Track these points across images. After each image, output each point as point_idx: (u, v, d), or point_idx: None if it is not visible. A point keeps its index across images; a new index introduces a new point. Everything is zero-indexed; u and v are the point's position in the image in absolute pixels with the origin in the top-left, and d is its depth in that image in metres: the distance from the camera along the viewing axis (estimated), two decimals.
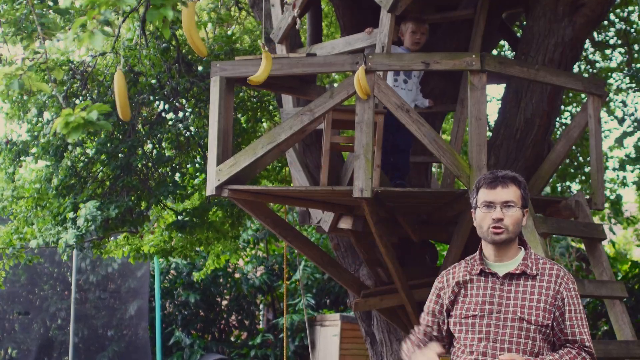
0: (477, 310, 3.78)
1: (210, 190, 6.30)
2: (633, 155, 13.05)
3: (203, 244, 10.46)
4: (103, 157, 8.52)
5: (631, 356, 5.68)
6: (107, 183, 8.80)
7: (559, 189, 12.90)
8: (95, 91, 8.57)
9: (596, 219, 13.18)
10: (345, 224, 6.82)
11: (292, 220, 12.79)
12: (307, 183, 7.00)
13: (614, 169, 13.71)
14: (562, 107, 10.98)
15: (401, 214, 6.80)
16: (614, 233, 13.33)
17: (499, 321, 3.72)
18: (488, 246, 3.95)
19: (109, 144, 8.42)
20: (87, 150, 8.72)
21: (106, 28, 4.05)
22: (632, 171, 13.77)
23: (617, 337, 5.97)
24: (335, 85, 9.26)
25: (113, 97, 8.07)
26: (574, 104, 12.44)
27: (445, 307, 3.92)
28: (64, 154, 8.45)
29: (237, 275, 17.11)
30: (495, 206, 3.85)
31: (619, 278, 8.62)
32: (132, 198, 8.76)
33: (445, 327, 3.94)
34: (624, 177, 14.01)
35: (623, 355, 5.78)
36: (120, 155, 8.47)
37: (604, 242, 6.97)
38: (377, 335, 7.89)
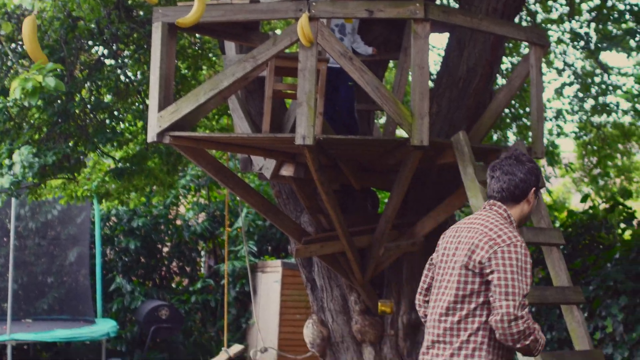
0: None
1: (151, 137, 6.26)
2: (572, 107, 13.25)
3: (139, 191, 10.41)
4: (40, 103, 8.39)
5: (567, 301, 5.81)
6: (44, 129, 8.67)
7: (495, 137, 13.04)
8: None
9: None
10: (287, 171, 6.82)
11: (234, 168, 12.76)
12: (249, 130, 6.98)
13: (551, 119, 13.90)
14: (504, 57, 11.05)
15: (343, 162, 6.83)
16: (549, 181, 13.53)
17: None
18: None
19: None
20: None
21: None
22: (572, 121, 13.98)
23: (553, 283, 6.09)
24: (278, 32, 9.21)
25: (50, 42, 7.94)
26: (515, 54, 12.55)
27: None
28: None
29: (178, 222, 17.06)
30: None
31: (557, 226, 8.77)
32: (70, 144, 8.65)
33: None
34: (561, 128, 14.23)
35: (559, 301, 5.91)
36: (57, 101, 8.34)
37: (542, 191, 7.07)
38: (317, 282, 7.96)
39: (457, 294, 4.10)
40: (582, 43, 12.21)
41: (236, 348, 11.12)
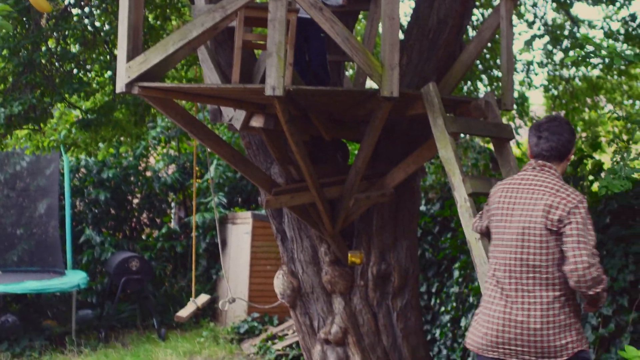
0: None
1: (120, 87, 6.20)
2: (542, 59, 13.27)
3: (107, 142, 10.35)
4: (5, 52, 8.28)
5: None
6: (10, 79, 8.58)
7: (465, 89, 13.06)
8: None
9: (504, 120, 13.41)
10: (257, 122, 6.80)
11: (203, 119, 12.71)
12: (218, 81, 6.93)
13: (521, 71, 13.94)
14: (475, 8, 11.02)
15: (313, 113, 6.82)
16: (518, 134, 13.59)
17: None
18: None
19: (11, 40, 8.17)
20: None
21: None
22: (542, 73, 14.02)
23: None
24: None
25: None
26: (485, 6, 12.52)
27: None
28: None
29: (148, 174, 17.02)
30: None
31: None
32: (36, 95, 8.57)
33: None
34: (531, 80, 14.26)
35: None
36: (23, 51, 8.24)
37: (511, 143, 7.11)
38: (287, 233, 7.98)
39: (536, 252, 4.54)
40: None
41: (203, 298, 11.17)
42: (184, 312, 10.98)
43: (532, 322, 4.52)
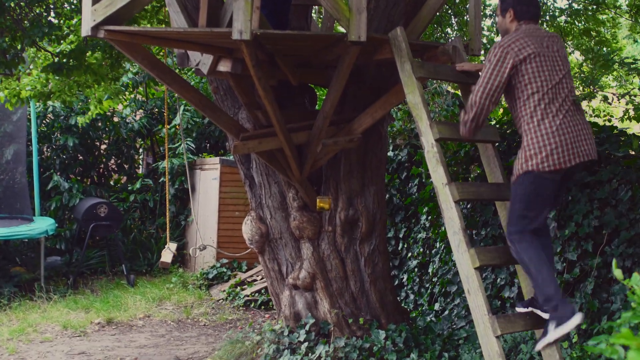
0: None
1: (85, 30, 6.14)
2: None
3: (82, 87, 10.23)
4: None
5: (501, 198, 5.91)
6: None
7: (436, 36, 13.03)
8: None
9: None
10: (224, 66, 6.76)
11: (172, 65, 12.60)
12: (185, 25, 6.86)
13: (490, 16, 13.90)
14: None
15: (280, 57, 6.78)
16: None
17: None
18: None
19: None
20: None
21: None
22: None
23: (488, 179, 6.18)
24: None
25: None
26: None
27: None
28: None
29: (115, 119, 16.89)
30: None
31: (492, 123, 8.86)
32: (7, 40, 8.45)
33: None
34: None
35: (494, 197, 6.00)
36: None
37: None
38: (255, 178, 7.98)
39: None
40: None
41: (172, 246, 11.19)
42: (167, 258, 10.99)
43: None
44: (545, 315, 5.29)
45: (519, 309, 5.62)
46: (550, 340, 5.15)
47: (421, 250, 9.81)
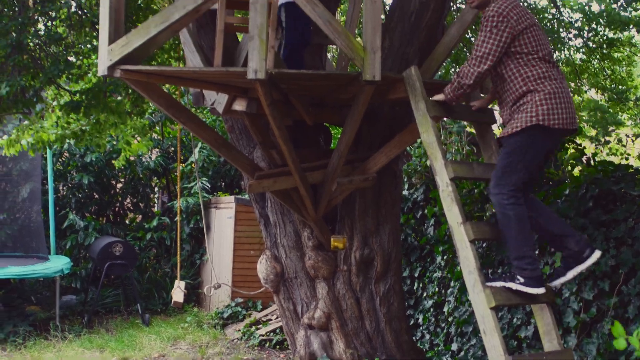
0: None
1: (102, 70, 6.18)
2: None
3: (103, 126, 10.28)
4: None
5: None
6: None
7: (451, 72, 13.05)
8: None
9: None
10: (239, 105, 6.78)
11: (187, 103, 12.66)
12: (201, 64, 6.91)
13: None
14: None
15: (295, 97, 6.80)
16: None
17: None
18: None
19: None
20: None
21: None
22: None
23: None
24: None
25: None
26: None
27: None
28: None
29: (131, 158, 16.95)
30: None
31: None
32: (25, 78, 8.51)
33: None
34: None
35: None
36: (12, 33, 8.17)
37: (494, 127, 7.11)
38: (270, 217, 7.97)
39: None
40: None
41: (182, 284, 11.17)
42: (179, 298, 10.96)
43: None
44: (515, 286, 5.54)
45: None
46: (516, 287, 5.50)
47: (437, 289, 9.75)
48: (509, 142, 5.61)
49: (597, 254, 5.63)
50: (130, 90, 9.67)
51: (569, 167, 8.28)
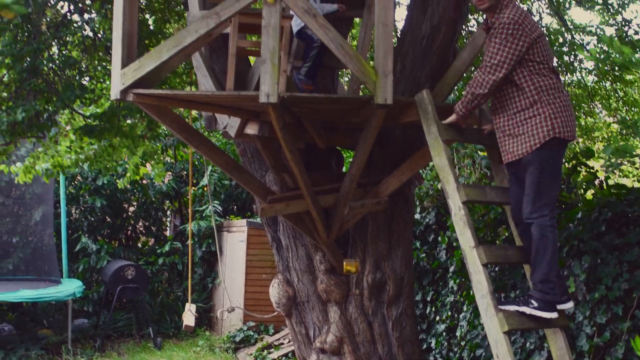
0: None
1: (114, 94, 6.19)
2: None
3: (115, 150, 10.32)
4: (8, 60, 8.26)
5: (528, 262, 5.84)
6: (13, 86, 8.56)
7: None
8: None
9: None
10: (251, 129, 6.79)
11: (199, 127, 12.69)
12: (213, 88, 6.92)
13: None
14: (468, 14, 11.03)
15: (307, 120, 6.81)
16: None
17: None
18: None
19: (13, 46, 8.16)
20: None
21: None
22: None
23: (516, 242, 6.13)
24: None
25: None
26: (480, 12, 12.49)
27: None
28: None
29: (144, 181, 16.99)
30: None
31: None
32: (39, 102, 8.55)
33: None
34: None
35: (521, 261, 5.95)
36: (27, 57, 8.22)
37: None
38: (283, 241, 7.96)
39: None
40: None
41: (193, 307, 11.16)
42: (190, 321, 10.95)
43: None
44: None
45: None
46: (530, 312, 5.50)
47: (449, 313, 9.71)
48: (532, 160, 5.59)
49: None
50: (144, 114, 9.71)
51: (582, 190, 8.25)
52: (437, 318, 10.00)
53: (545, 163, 5.55)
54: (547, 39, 5.76)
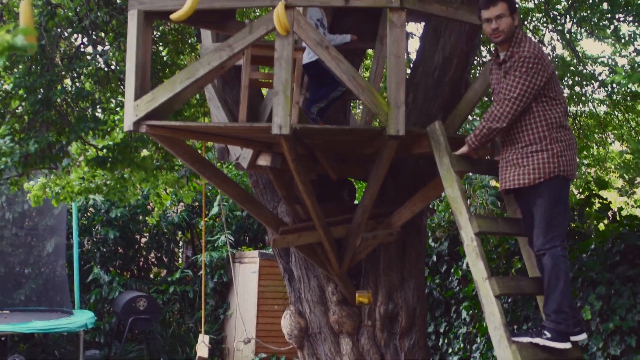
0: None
1: (127, 125, 6.22)
2: None
3: (128, 181, 10.35)
4: (21, 92, 8.32)
5: (542, 293, 5.82)
6: (26, 118, 8.61)
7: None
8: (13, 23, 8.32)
9: None
10: (263, 160, 6.80)
11: (212, 158, 12.73)
12: (226, 119, 6.95)
13: None
14: (480, 46, 11.06)
15: (320, 151, 6.82)
16: None
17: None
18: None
19: (27, 78, 8.21)
20: (5, 86, 8.51)
21: None
22: None
23: (529, 274, 6.11)
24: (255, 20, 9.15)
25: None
26: (492, 43, 12.53)
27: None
28: None
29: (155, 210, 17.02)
30: (491, 20, 5.75)
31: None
32: (52, 134, 8.59)
33: None
34: None
35: (534, 292, 5.92)
36: (40, 89, 8.27)
37: None
38: (295, 272, 7.95)
39: None
40: (558, 27, 12.22)
41: (206, 338, 11.13)
42: (203, 353, 10.92)
43: None
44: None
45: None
46: (543, 343, 5.46)
47: (462, 345, 9.66)
48: (538, 192, 5.60)
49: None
50: (159, 145, 9.75)
51: (595, 222, 8.23)
52: (450, 350, 9.95)
53: (550, 194, 5.56)
54: (556, 75, 5.79)
